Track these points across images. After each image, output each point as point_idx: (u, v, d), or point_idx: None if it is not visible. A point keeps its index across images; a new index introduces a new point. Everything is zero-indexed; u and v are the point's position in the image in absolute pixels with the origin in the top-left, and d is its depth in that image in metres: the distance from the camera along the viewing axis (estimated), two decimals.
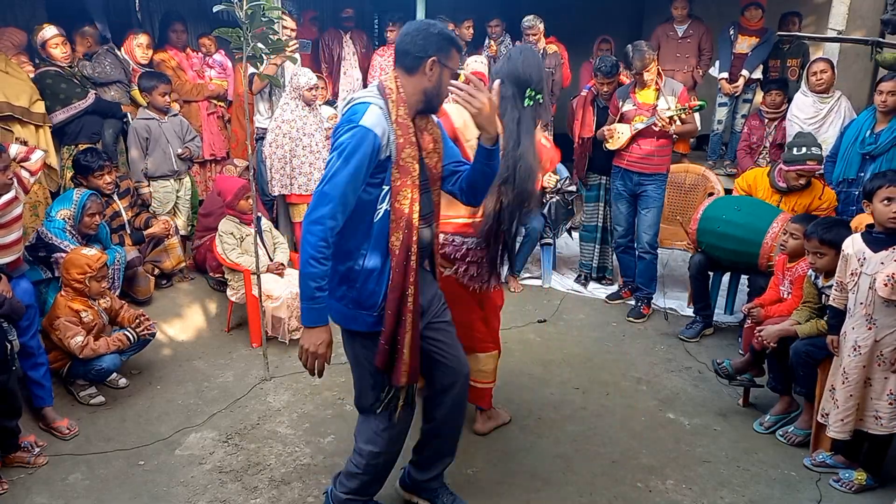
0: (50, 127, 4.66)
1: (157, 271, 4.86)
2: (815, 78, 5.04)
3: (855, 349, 2.93)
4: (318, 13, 7.29)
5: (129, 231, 4.71)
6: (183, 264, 5.05)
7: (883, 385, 2.92)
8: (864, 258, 2.91)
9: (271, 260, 4.56)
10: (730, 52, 6.38)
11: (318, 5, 7.53)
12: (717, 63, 6.54)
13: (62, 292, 3.62)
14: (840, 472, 3.07)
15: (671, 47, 6.57)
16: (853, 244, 2.97)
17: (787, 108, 5.45)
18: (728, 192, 5.17)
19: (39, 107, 4.55)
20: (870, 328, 2.90)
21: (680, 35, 6.59)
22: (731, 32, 6.37)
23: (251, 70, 4.08)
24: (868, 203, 2.98)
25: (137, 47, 5.39)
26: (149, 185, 5.05)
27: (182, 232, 5.21)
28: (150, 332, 3.78)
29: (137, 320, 3.75)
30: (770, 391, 3.58)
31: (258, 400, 3.73)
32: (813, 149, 4.13)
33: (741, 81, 6.32)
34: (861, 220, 3.89)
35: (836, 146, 4.56)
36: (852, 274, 2.95)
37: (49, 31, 4.70)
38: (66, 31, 4.83)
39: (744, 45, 6.35)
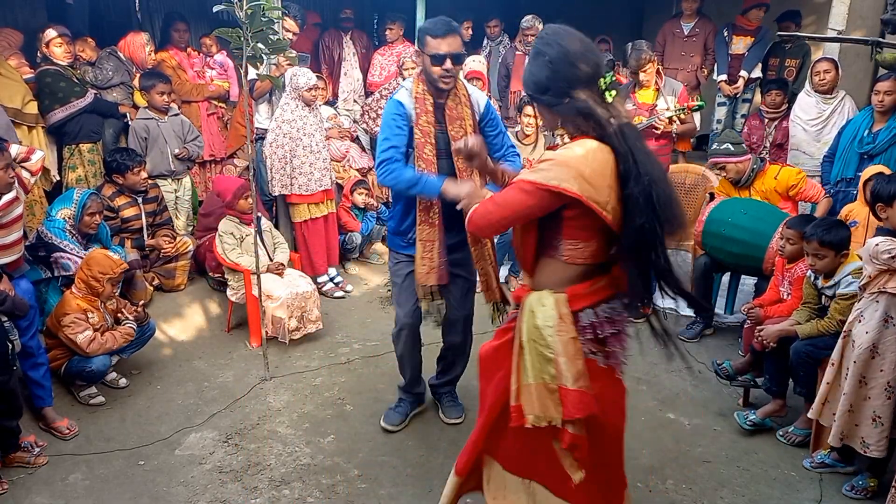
0: (44, 128, 4.66)
1: (156, 281, 4.85)
2: (819, 78, 4.97)
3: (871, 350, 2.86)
4: (318, 13, 7.29)
5: (145, 235, 4.72)
6: (183, 286, 5.04)
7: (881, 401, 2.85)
8: None
9: (271, 260, 4.56)
10: (726, 54, 6.36)
11: (319, 6, 7.53)
12: (716, 66, 6.53)
13: (72, 289, 3.62)
14: (854, 480, 3.04)
15: (676, 46, 6.53)
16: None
17: (787, 107, 5.45)
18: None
19: (32, 108, 4.54)
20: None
21: (686, 33, 6.55)
22: (726, 34, 6.37)
23: (252, 73, 4.07)
24: (884, 207, 2.87)
25: (147, 53, 5.38)
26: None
27: (182, 232, 5.21)
28: (140, 315, 3.78)
29: (134, 310, 3.78)
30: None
31: (258, 400, 3.73)
32: (728, 145, 4.37)
33: (741, 82, 6.31)
34: (850, 210, 3.92)
35: (834, 146, 4.56)
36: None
37: (52, 32, 4.71)
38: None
39: (739, 45, 6.35)
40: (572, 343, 2.06)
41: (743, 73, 6.29)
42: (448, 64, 2.86)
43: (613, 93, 2.01)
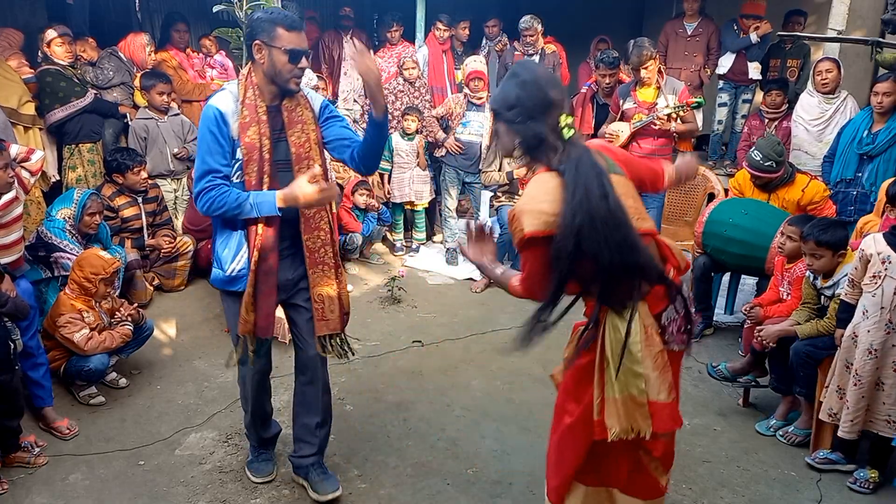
0: (41, 129, 4.66)
1: (156, 281, 4.85)
2: (821, 77, 4.93)
3: (870, 352, 2.91)
4: (318, 13, 7.31)
5: (145, 235, 4.73)
6: (183, 286, 5.03)
7: None
8: (891, 262, 2.85)
9: None
10: (736, 37, 6.33)
11: (318, 5, 7.54)
12: (720, 59, 6.53)
13: (66, 290, 3.62)
14: (855, 473, 3.06)
15: (679, 45, 6.53)
16: (875, 245, 2.91)
17: (787, 108, 5.45)
18: (727, 192, 5.17)
19: (29, 108, 4.54)
20: (888, 332, 2.88)
21: (689, 33, 6.54)
22: (736, 28, 6.39)
23: None
24: (892, 207, 2.94)
25: (147, 53, 5.38)
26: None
27: (182, 232, 5.21)
28: (135, 316, 3.77)
29: (129, 311, 3.77)
30: (771, 392, 3.58)
31: None
32: (769, 162, 4.15)
33: (753, 68, 6.30)
34: (867, 221, 3.91)
35: (834, 146, 4.56)
36: (874, 276, 2.89)
37: (52, 32, 4.72)
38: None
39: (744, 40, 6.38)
40: (661, 357, 2.05)
41: (754, 63, 6.31)
42: (304, 62, 2.51)
43: (571, 132, 2.05)
